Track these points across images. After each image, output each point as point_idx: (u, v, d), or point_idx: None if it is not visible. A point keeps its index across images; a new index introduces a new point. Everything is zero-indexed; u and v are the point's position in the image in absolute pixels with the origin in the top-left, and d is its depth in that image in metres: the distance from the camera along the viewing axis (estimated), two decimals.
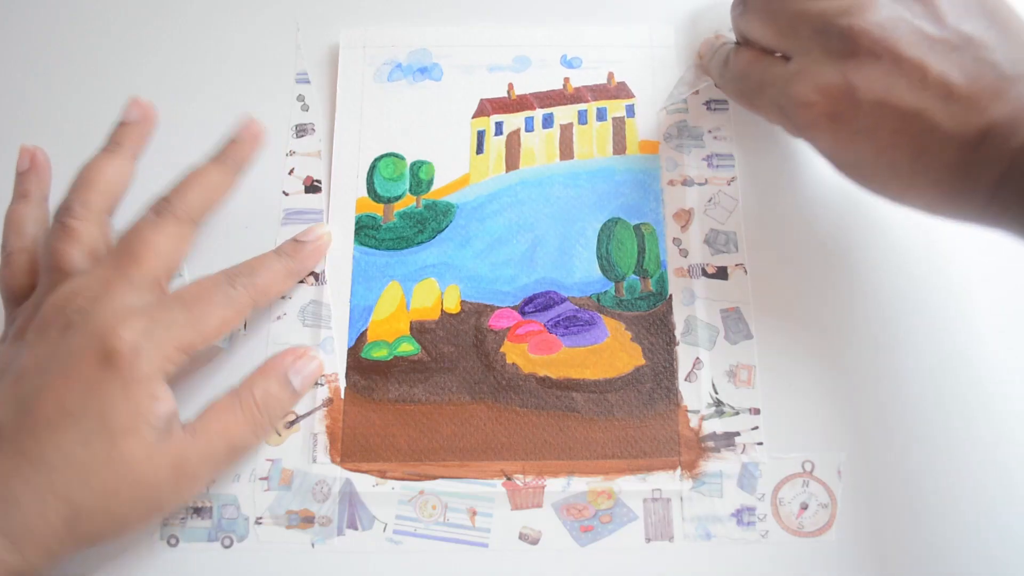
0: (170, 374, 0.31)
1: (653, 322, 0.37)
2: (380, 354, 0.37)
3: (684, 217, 0.39)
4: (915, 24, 0.30)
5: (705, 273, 0.38)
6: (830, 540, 0.34)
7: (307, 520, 0.35)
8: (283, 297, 0.38)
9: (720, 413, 0.36)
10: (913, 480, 0.35)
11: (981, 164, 0.29)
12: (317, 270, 0.38)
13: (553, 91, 0.42)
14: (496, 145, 0.41)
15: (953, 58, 0.30)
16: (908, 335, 0.37)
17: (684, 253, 0.38)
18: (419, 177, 0.40)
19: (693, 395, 0.36)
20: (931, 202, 0.31)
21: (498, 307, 0.38)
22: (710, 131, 0.40)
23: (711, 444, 0.35)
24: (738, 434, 0.35)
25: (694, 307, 0.37)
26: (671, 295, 0.37)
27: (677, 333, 0.37)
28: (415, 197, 0.40)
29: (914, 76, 0.30)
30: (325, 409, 0.36)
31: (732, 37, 0.38)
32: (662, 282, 0.38)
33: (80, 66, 0.43)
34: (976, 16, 0.31)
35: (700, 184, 0.39)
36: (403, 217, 0.39)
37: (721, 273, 0.38)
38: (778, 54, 0.34)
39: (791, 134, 0.34)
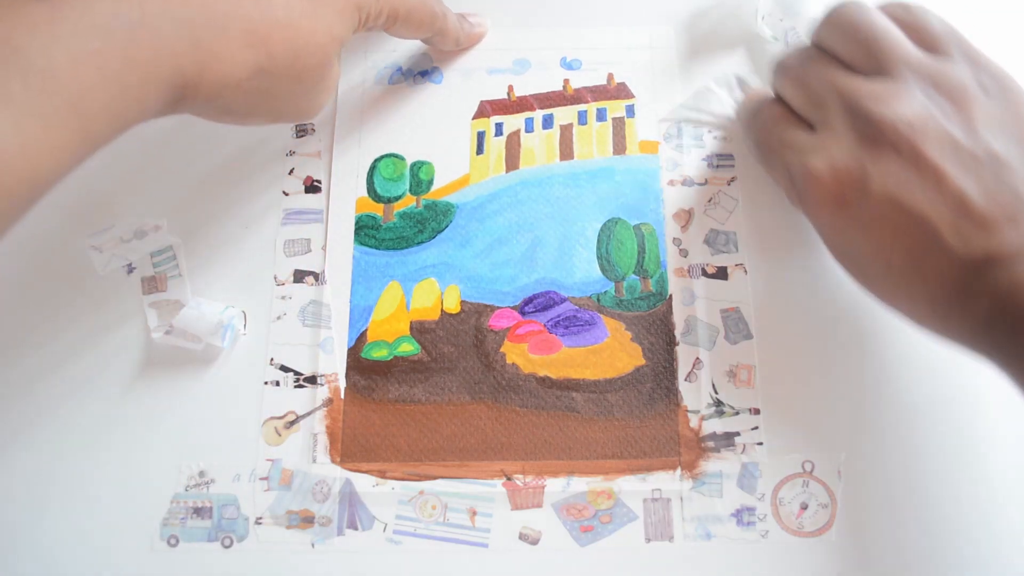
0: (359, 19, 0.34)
1: (653, 322, 0.37)
2: (380, 354, 0.37)
3: (684, 217, 0.39)
4: (944, 127, 0.29)
5: (705, 273, 0.38)
6: (830, 540, 0.34)
7: (307, 520, 0.35)
8: (283, 298, 0.38)
9: (720, 413, 0.36)
10: (913, 480, 0.35)
11: (979, 289, 0.28)
12: (317, 270, 0.38)
13: (553, 92, 0.42)
14: (496, 146, 0.41)
15: (975, 172, 0.28)
16: (908, 334, 0.36)
17: (684, 253, 0.38)
18: (419, 177, 0.40)
19: (693, 395, 0.36)
20: (921, 315, 0.30)
21: (498, 307, 0.38)
22: (710, 131, 0.40)
23: (711, 444, 0.35)
24: (738, 434, 0.35)
25: (694, 307, 0.37)
26: (671, 295, 0.37)
27: (677, 333, 0.37)
28: (415, 197, 0.40)
29: (930, 180, 0.29)
30: (325, 409, 0.36)
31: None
32: (662, 282, 0.38)
33: None
34: (1010, 136, 0.29)
35: (700, 184, 0.39)
36: (403, 217, 0.39)
37: (721, 273, 0.38)
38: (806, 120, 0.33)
39: (792, 203, 0.34)
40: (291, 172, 0.40)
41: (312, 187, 0.40)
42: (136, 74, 0.27)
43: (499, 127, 0.41)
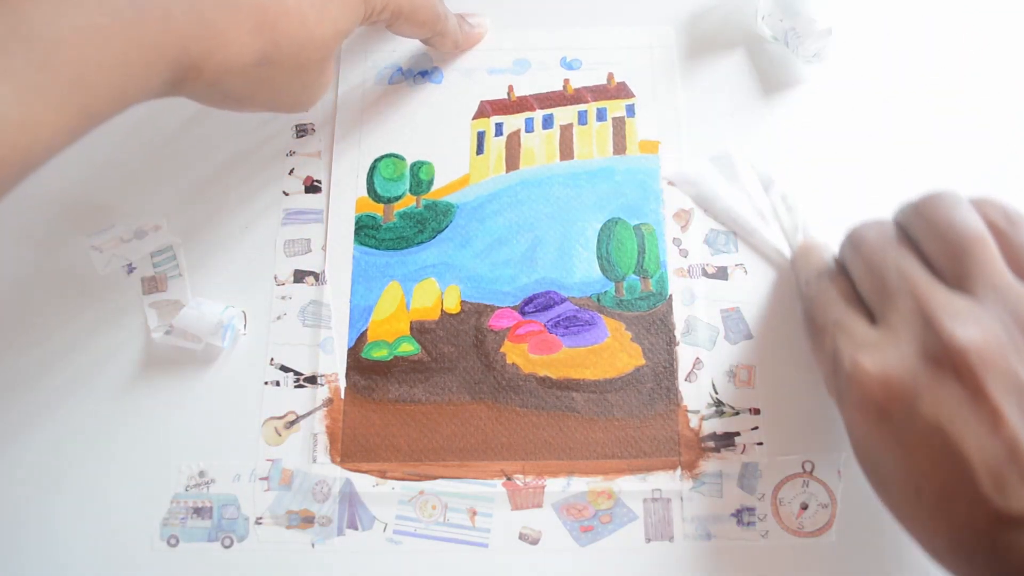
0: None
1: (653, 322, 0.37)
2: (380, 354, 0.37)
3: (684, 217, 0.39)
4: (1015, 367, 0.26)
5: (705, 273, 0.38)
6: (830, 540, 0.34)
7: (307, 520, 0.35)
8: (283, 298, 0.38)
9: (720, 413, 0.36)
10: None
11: (1010, 547, 0.25)
12: (317, 270, 0.38)
13: (553, 92, 0.42)
14: (496, 146, 0.41)
15: None
16: None
17: (684, 253, 0.38)
18: (419, 177, 0.40)
19: (693, 395, 0.36)
20: (937, 551, 0.28)
21: (498, 307, 0.38)
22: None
23: (711, 444, 0.35)
24: (738, 434, 0.35)
25: (694, 307, 0.37)
26: (671, 295, 0.37)
27: (677, 333, 0.37)
28: (415, 197, 0.40)
29: (985, 420, 0.26)
30: (325, 409, 0.36)
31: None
32: (662, 282, 0.38)
33: None
34: None
35: None
36: (403, 217, 0.39)
37: (721, 273, 0.38)
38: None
39: (829, 392, 0.31)
40: (291, 172, 0.40)
41: (312, 187, 0.40)
42: (142, 53, 0.26)
43: (499, 127, 0.41)
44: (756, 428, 0.35)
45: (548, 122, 0.41)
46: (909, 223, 0.31)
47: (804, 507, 0.34)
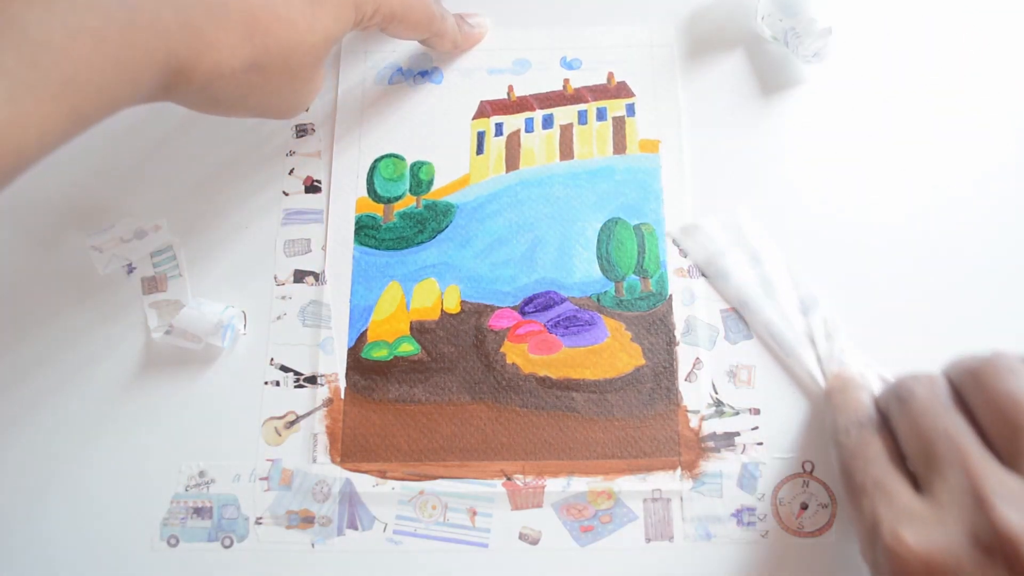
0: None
1: (653, 322, 0.37)
2: (380, 354, 0.37)
3: None
4: None
5: (705, 273, 0.38)
6: (830, 540, 0.34)
7: (307, 520, 0.35)
8: (283, 298, 0.38)
9: (720, 413, 0.36)
10: None
11: None
12: (317, 270, 0.38)
13: (553, 92, 0.42)
14: (496, 146, 0.41)
15: None
16: (906, 334, 0.37)
17: (684, 253, 0.38)
18: (419, 177, 0.40)
19: (693, 395, 0.36)
20: None
21: (498, 307, 0.38)
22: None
23: (711, 444, 0.35)
24: (738, 434, 0.35)
25: (694, 307, 0.37)
26: (671, 295, 0.37)
27: (677, 333, 0.37)
28: (415, 197, 0.40)
29: None
30: (325, 409, 0.36)
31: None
32: (662, 282, 0.38)
33: None
34: None
35: None
36: (403, 217, 0.39)
37: None
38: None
39: (863, 555, 0.29)
40: (291, 172, 0.40)
41: (312, 187, 0.40)
42: (132, 56, 0.26)
43: (499, 127, 0.41)
44: (756, 428, 0.35)
45: (548, 122, 0.41)
46: (963, 385, 0.29)
47: (804, 507, 0.34)
